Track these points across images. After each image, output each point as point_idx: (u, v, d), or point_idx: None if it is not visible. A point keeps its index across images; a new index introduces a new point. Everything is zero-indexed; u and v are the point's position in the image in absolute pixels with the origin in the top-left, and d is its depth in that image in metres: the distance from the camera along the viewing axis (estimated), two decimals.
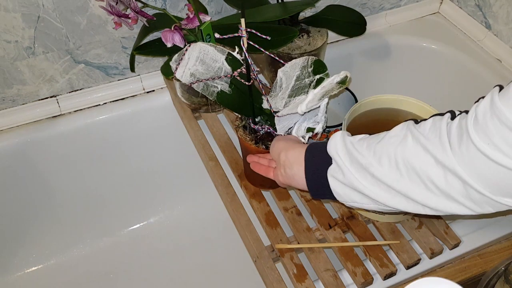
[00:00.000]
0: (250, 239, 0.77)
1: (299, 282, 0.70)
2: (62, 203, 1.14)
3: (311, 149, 0.63)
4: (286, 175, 0.65)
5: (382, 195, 0.55)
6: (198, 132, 0.94)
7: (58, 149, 1.05)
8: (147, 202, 1.23)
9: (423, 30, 1.20)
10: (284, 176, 0.66)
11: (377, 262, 0.72)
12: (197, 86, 0.69)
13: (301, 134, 0.70)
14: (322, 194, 0.62)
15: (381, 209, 0.57)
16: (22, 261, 1.15)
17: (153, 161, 1.17)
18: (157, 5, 0.95)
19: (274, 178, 0.70)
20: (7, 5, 0.85)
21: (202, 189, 1.20)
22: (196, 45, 0.69)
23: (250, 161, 0.75)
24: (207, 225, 1.22)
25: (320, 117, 0.68)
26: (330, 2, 1.11)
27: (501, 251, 0.78)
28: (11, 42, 0.90)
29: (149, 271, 1.17)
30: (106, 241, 1.21)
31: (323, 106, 0.66)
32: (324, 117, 0.68)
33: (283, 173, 0.65)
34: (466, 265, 0.76)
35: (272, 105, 0.70)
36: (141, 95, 1.07)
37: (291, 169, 0.64)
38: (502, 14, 1.08)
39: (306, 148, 0.63)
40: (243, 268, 1.06)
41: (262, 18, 0.86)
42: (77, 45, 0.96)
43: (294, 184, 0.65)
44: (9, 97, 0.98)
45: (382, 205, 0.56)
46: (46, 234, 1.15)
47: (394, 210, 0.57)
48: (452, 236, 0.75)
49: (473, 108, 0.49)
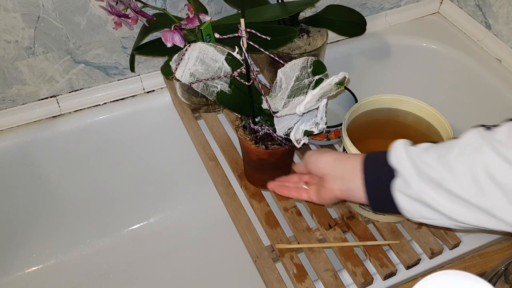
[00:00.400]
0: (250, 239, 0.77)
1: (299, 282, 0.70)
2: (62, 203, 1.14)
3: (369, 160, 0.57)
4: (345, 188, 0.59)
5: (459, 212, 0.50)
6: (198, 132, 0.94)
7: (58, 149, 1.05)
8: (147, 202, 1.23)
9: (423, 30, 1.20)
10: (340, 190, 0.60)
11: (377, 262, 0.72)
12: (196, 86, 0.69)
13: (299, 136, 0.70)
14: (385, 208, 0.57)
15: (456, 226, 0.53)
16: (22, 261, 1.15)
17: (153, 161, 1.17)
18: (157, 5, 0.95)
19: (311, 198, 0.65)
20: (7, 5, 0.85)
21: (202, 189, 1.20)
22: (196, 45, 0.69)
23: (272, 188, 0.71)
24: (207, 225, 1.22)
25: (319, 118, 0.68)
26: (330, 2, 1.11)
27: (501, 251, 0.78)
28: (11, 42, 0.90)
29: (149, 271, 1.17)
30: (106, 241, 1.21)
31: (322, 107, 0.66)
32: (323, 118, 0.68)
33: (341, 186, 0.60)
34: (466, 265, 0.76)
35: (271, 106, 0.70)
36: (141, 95, 1.07)
37: (350, 182, 0.58)
38: (502, 14, 1.08)
39: (363, 159, 0.58)
40: (243, 268, 1.06)
41: (262, 18, 0.86)
42: (77, 45, 0.96)
43: (351, 198, 0.60)
44: (9, 97, 0.98)
45: (458, 222, 0.51)
46: (46, 234, 1.15)
47: (472, 228, 0.52)
48: (452, 236, 0.75)
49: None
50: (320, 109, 0.67)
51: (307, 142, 0.70)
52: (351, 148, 0.71)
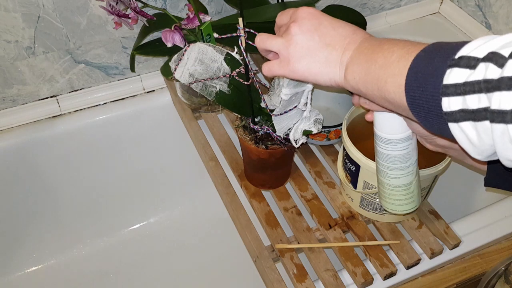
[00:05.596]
0: (250, 239, 0.77)
1: (299, 282, 0.70)
2: (62, 203, 1.14)
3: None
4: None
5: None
6: (198, 132, 0.94)
7: (58, 149, 1.05)
8: (147, 202, 1.23)
9: (423, 30, 1.20)
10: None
11: (377, 262, 0.72)
12: (195, 86, 0.69)
13: (298, 136, 0.70)
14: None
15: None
16: (22, 261, 1.15)
17: (153, 161, 1.17)
18: (157, 5, 0.95)
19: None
20: (7, 5, 0.85)
21: (202, 189, 1.20)
22: (195, 45, 0.69)
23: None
24: (207, 225, 1.22)
25: (302, 102, 0.67)
26: (330, 2, 1.11)
27: (501, 251, 0.78)
28: (11, 42, 0.90)
29: (149, 271, 1.17)
30: (106, 241, 1.21)
31: (307, 92, 0.65)
32: (307, 104, 0.67)
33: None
34: (466, 265, 0.76)
35: (269, 104, 0.70)
36: (141, 95, 1.07)
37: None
38: (502, 14, 1.08)
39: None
40: (243, 268, 1.06)
41: (262, 18, 0.86)
42: (77, 45, 0.96)
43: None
44: (9, 97, 0.98)
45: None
46: (46, 234, 1.15)
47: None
48: (452, 236, 0.75)
49: None
50: (305, 93, 0.65)
51: (305, 141, 0.70)
52: (351, 148, 0.71)
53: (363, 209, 0.77)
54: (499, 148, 0.37)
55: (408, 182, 0.62)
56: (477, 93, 0.37)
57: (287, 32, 0.54)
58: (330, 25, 0.53)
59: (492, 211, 0.81)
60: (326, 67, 0.52)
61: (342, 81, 0.51)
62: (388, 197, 0.64)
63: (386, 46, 0.47)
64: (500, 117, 0.35)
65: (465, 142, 0.40)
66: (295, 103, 0.67)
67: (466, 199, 1.06)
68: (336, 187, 0.83)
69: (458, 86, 0.38)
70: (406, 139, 0.58)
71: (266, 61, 0.57)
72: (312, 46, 0.52)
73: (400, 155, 0.60)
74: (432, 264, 0.74)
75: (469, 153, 0.40)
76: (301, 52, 0.53)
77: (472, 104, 0.37)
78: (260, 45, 0.57)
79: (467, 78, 0.37)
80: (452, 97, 0.38)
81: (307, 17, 0.53)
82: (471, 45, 0.39)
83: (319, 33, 0.52)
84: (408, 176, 0.61)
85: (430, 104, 0.40)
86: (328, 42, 0.52)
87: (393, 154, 0.60)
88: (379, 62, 0.46)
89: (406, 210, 0.65)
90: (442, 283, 0.74)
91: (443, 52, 0.41)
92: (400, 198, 0.63)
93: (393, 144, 0.59)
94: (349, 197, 0.79)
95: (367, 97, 0.50)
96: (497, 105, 0.35)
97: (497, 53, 0.36)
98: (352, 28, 0.53)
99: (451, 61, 0.39)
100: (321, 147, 0.89)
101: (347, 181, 0.76)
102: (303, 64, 0.53)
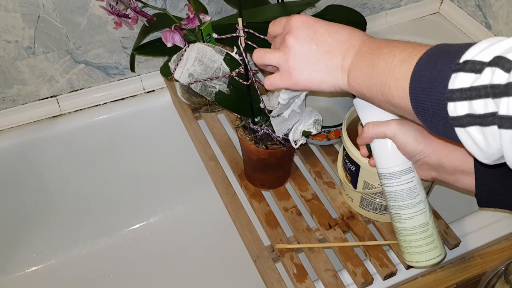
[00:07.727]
0: (250, 239, 0.77)
1: (299, 282, 0.70)
2: (62, 203, 1.14)
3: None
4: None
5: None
6: (198, 132, 0.94)
7: (58, 149, 1.05)
8: (147, 202, 1.23)
9: (423, 30, 1.20)
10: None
11: (377, 262, 0.72)
12: (195, 86, 0.69)
13: (297, 137, 0.70)
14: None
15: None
16: (22, 261, 1.15)
17: (153, 161, 1.17)
18: (157, 5, 0.95)
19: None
20: (7, 5, 0.85)
21: (202, 189, 1.20)
22: (194, 45, 0.69)
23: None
24: (207, 225, 1.22)
25: (297, 104, 0.67)
26: (330, 2, 1.11)
27: (501, 251, 0.78)
28: (11, 42, 0.90)
29: (149, 271, 1.17)
30: (106, 241, 1.21)
31: (304, 95, 0.65)
32: (301, 106, 0.67)
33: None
34: (466, 265, 0.76)
35: (268, 105, 0.70)
36: (141, 95, 1.07)
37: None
38: (502, 14, 1.08)
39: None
40: (243, 268, 1.06)
41: (262, 18, 0.86)
42: (77, 45, 0.96)
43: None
44: (9, 97, 0.99)
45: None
46: (46, 234, 1.15)
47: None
48: (452, 236, 0.75)
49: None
50: (301, 96, 0.66)
51: (305, 142, 0.70)
52: (351, 148, 0.71)
53: (363, 209, 0.77)
54: (507, 153, 0.37)
55: (424, 222, 0.61)
56: (483, 98, 0.36)
57: (284, 44, 0.53)
58: (326, 32, 0.52)
59: (492, 211, 0.81)
60: (329, 75, 0.52)
61: (347, 87, 0.52)
62: (408, 246, 0.63)
63: (386, 50, 0.47)
64: (509, 123, 0.35)
65: (472, 147, 0.39)
66: (293, 105, 0.68)
67: (466, 199, 1.06)
68: (336, 187, 0.83)
69: (464, 91, 0.38)
70: (408, 171, 0.59)
71: (267, 75, 0.57)
72: (311, 56, 0.52)
73: (406, 189, 0.60)
74: None
75: (476, 158, 0.40)
76: (301, 64, 0.52)
77: (478, 109, 0.37)
78: (259, 61, 0.57)
79: (473, 83, 0.37)
80: (458, 102, 0.38)
81: (301, 26, 0.53)
82: (475, 48, 0.39)
83: (316, 41, 0.52)
84: (421, 215, 0.61)
85: (436, 108, 0.40)
86: (326, 50, 0.52)
87: (400, 189, 0.60)
88: (381, 67, 0.46)
89: (431, 258, 0.63)
90: (442, 283, 0.74)
91: (447, 56, 0.41)
92: (421, 243, 0.62)
93: (396, 177, 0.59)
94: (349, 197, 0.79)
95: (373, 102, 0.50)
96: (505, 110, 0.35)
97: (503, 57, 0.36)
98: (348, 31, 0.52)
99: (455, 65, 0.39)
100: (321, 147, 0.89)
101: (347, 181, 0.76)
102: (305, 75, 0.52)
